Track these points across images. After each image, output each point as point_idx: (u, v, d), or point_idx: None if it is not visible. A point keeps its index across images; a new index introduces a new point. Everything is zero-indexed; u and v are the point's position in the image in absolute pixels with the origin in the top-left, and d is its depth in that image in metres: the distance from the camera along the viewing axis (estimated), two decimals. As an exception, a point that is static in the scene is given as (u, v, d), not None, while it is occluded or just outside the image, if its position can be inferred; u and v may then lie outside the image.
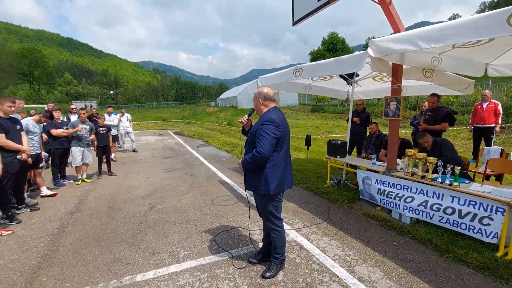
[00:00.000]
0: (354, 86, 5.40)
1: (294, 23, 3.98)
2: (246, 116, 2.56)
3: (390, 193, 3.64)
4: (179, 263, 2.72)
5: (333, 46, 43.23)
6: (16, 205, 4.05)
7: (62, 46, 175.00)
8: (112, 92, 78.39)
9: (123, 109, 9.47)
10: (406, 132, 11.08)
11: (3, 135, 3.59)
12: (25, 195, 4.48)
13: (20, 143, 3.86)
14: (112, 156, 8.57)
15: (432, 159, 3.16)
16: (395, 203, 3.55)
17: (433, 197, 3.12)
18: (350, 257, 2.75)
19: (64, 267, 2.66)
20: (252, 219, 3.48)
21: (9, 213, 3.74)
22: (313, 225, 3.55)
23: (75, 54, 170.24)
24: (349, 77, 5.23)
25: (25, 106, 6.26)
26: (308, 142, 6.95)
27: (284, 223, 3.55)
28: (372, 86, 5.96)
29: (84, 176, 6.05)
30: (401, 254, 2.77)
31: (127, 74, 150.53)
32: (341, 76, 5.21)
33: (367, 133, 5.81)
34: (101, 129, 6.43)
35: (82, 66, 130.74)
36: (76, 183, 5.83)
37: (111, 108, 8.81)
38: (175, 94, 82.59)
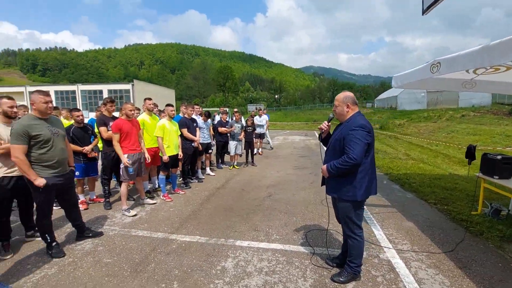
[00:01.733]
0: (544, 79, 3.70)
1: (424, 11, 3.28)
2: (326, 122, 2.62)
3: None
4: (269, 242, 3.22)
5: None
6: (190, 176, 6.06)
7: (245, 61, 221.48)
8: (277, 96, 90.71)
9: (261, 111, 11.00)
10: None
11: (186, 129, 5.50)
12: (199, 171, 6.54)
13: (195, 135, 5.74)
14: (259, 150, 10.38)
15: None
16: None
17: None
18: (454, 301, 2.18)
19: (200, 222, 3.85)
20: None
21: (186, 181, 5.69)
22: (424, 252, 2.96)
23: (253, 66, 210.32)
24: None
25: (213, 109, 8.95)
26: (471, 154, 5.39)
27: (384, 241, 3.23)
28: None
29: (235, 163, 7.84)
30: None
31: (290, 80, 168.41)
32: (517, 66, 3.73)
33: None
34: (249, 128, 8.05)
35: (257, 76, 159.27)
36: (229, 168, 7.67)
37: (262, 111, 10.61)
38: (331, 96, 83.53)
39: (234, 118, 7.71)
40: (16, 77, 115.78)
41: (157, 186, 5.37)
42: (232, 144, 7.66)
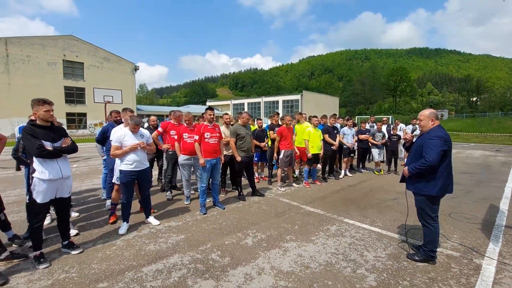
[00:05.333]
0: None
1: None
2: (410, 133, 3.26)
3: None
4: (370, 226, 4.11)
5: None
6: (328, 173, 7.45)
7: (428, 58, 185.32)
8: (474, 98, 69.85)
9: (397, 120, 10.21)
10: None
11: (327, 135, 6.97)
12: (343, 171, 7.79)
13: (334, 140, 7.07)
14: (411, 161, 9.88)
15: None
16: None
17: None
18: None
19: (324, 203, 5.24)
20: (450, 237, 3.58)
21: (324, 176, 7.15)
22: (540, 273, 2.81)
23: (440, 63, 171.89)
24: None
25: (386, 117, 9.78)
26: None
27: (493, 254, 3.23)
28: None
29: (378, 169, 8.32)
30: None
31: (499, 75, 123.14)
32: None
33: None
34: (393, 136, 8.24)
35: (444, 74, 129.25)
36: (375, 173, 8.27)
37: (415, 120, 9.99)
38: None
39: (375, 127, 8.24)
40: (226, 93, 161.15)
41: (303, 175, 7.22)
42: (375, 152, 8.25)
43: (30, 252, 3.11)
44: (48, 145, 2.87)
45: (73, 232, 3.64)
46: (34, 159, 2.88)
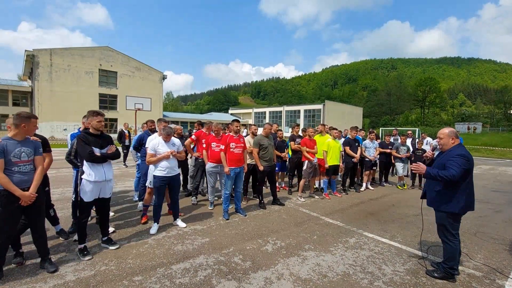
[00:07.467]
0: None
1: None
2: (431, 150, 3.30)
3: None
4: (390, 240, 4.13)
5: None
6: (348, 186, 7.44)
7: (460, 68, 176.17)
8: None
9: (423, 134, 9.88)
10: None
11: (348, 147, 7.01)
12: (364, 184, 7.74)
13: (356, 153, 7.09)
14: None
15: None
16: None
17: None
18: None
19: (344, 215, 5.29)
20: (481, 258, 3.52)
21: (345, 188, 7.16)
22: None
23: (473, 73, 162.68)
24: None
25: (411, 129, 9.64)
26: None
27: None
28: None
29: (402, 183, 8.16)
30: None
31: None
32: None
33: None
34: (418, 151, 8.07)
35: (478, 85, 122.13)
36: (398, 186, 8.12)
37: (424, 134, 9.75)
38: None
39: (399, 140, 8.14)
40: (248, 101, 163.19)
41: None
42: (399, 166, 8.12)
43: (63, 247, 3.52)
44: (97, 151, 3.29)
45: (110, 229, 4.03)
46: (84, 162, 3.30)
